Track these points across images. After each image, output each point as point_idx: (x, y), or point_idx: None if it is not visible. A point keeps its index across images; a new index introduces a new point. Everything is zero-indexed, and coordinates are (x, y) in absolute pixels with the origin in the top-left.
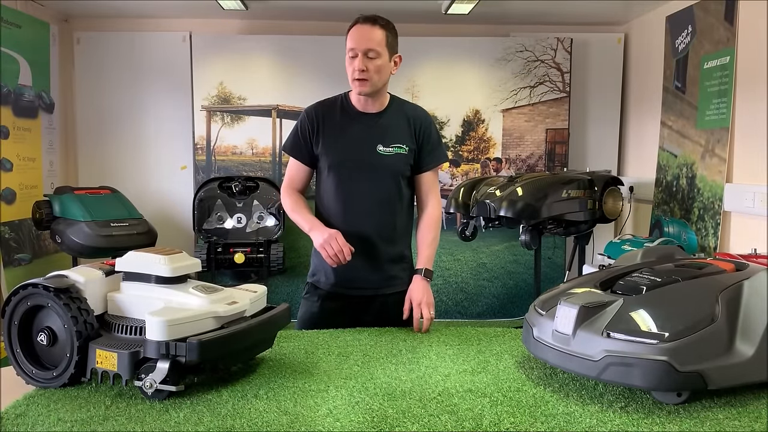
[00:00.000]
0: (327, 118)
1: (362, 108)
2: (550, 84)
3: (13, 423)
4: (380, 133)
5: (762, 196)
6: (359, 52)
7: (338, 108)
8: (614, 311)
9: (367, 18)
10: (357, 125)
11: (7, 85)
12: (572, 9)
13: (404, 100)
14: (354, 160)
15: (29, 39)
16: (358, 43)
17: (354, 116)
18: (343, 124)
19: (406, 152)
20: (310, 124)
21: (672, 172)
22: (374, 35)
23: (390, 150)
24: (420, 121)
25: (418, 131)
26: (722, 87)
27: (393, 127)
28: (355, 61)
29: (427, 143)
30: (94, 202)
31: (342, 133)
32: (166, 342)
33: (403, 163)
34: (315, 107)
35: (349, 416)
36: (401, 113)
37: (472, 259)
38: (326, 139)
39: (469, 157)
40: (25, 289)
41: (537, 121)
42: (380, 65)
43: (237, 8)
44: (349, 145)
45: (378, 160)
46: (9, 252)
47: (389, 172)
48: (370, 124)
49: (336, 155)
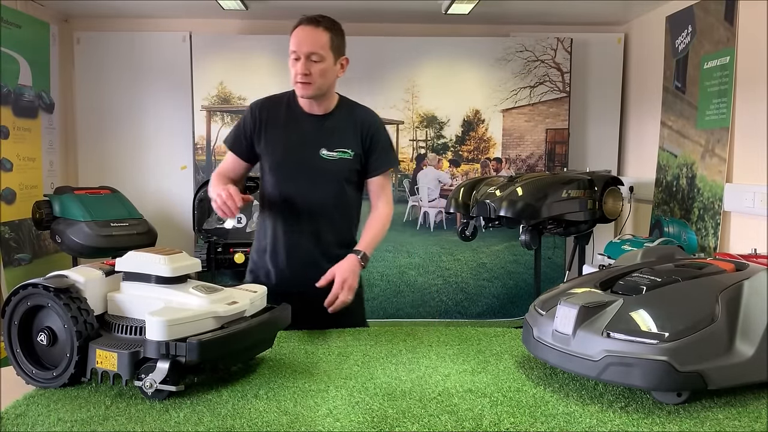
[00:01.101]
0: (271, 116)
1: (308, 109)
2: (550, 84)
3: (13, 423)
4: (325, 137)
5: (762, 196)
6: (301, 55)
7: (284, 106)
8: (614, 311)
9: (310, 19)
10: (301, 126)
11: (7, 85)
12: (572, 9)
13: (355, 102)
14: (295, 163)
15: (29, 39)
16: (300, 45)
17: (299, 117)
18: (288, 123)
19: (351, 157)
20: (254, 120)
21: (672, 172)
22: (318, 38)
23: (334, 154)
24: (368, 126)
25: (365, 136)
26: (722, 87)
27: (339, 131)
28: (298, 64)
29: (374, 149)
30: (94, 202)
31: (285, 133)
32: (166, 342)
33: (348, 168)
34: (261, 104)
35: (349, 416)
36: (349, 116)
37: (472, 259)
38: (268, 137)
39: (469, 157)
40: (25, 289)
41: (537, 121)
42: (324, 69)
43: (237, 8)
44: (292, 146)
45: (320, 164)
46: (9, 252)
47: (332, 176)
48: (316, 126)
49: (277, 156)
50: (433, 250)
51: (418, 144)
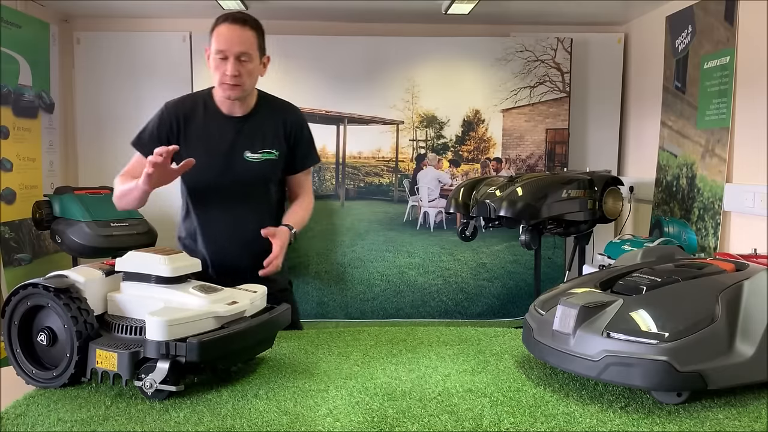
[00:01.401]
0: (190, 119)
1: (228, 111)
2: (550, 84)
3: (13, 423)
4: (248, 139)
5: (762, 196)
6: (231, 55)
7: (201, 108)
8: (614, 311)
9: (237, 18)
10: (222, 130)
11: (7, 85)
12: (572, 9)
13: (274, 97)
14: (219, 168)
15: (29, 39)
16: (229, 45)
17: (219, 119)
18: (208, 127)
19: (277, 157)
20: (169, 124)
21: (672, 172)
22: (247, 37)
23: (258, 156)
24: (293, 123)
25: (290, 134)
26: (722, 87)
27: (262, 131)
28: (226, 64)
29: (300, 146)
30: (94, 202)
31: (206, 137)
32: (166, 342)
33: (272, 170)
34: (177, 106)
35: (349, 416)
36: (272, 114)
37: (472, 259)
38: (189, 142)
39: (469, 157)
40: (25, 289)
41: (537, 121)
42: (252, 69)
43: (237, 8)
44: (214, 150)
45: (245, 167)
46: (9, 252)
47: (257, 179)
48: (237, 128)
49: (201, 160)
50: (433, 250)
51: (418, 144)
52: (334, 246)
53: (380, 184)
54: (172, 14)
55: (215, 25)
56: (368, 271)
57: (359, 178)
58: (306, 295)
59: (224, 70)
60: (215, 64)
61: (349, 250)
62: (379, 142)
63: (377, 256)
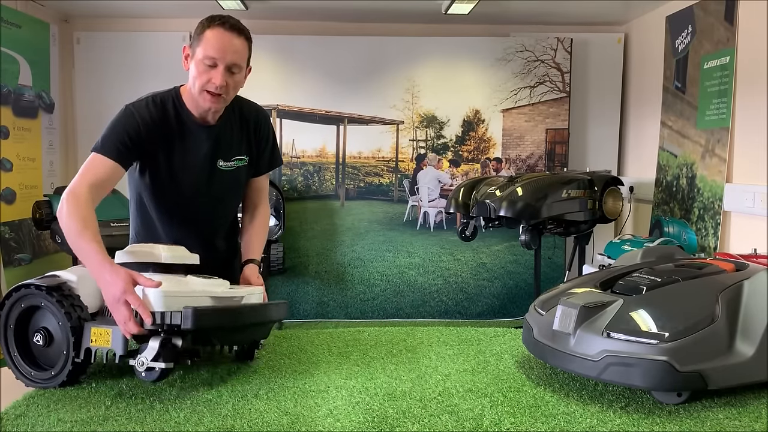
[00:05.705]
0: (162, 126)
1: (201, 118)
2: (550, 84)
3: (13, 423)
4: (220, 147)
5: (762, 196)
6: (222, 63)
7: (172, 114)
8: (614, 311)
9: (233, 25)
10: (196, 139)
11: (7, 85)
12: (572, 9)
13: (239, 98)
14: (193, 178)
15: (29, 39)
16: (222, 53)
17: (192, 128)
18: (181, 136)
19: (247, 162)
20: (138, 125)
21: (672, 172)
22: (241, 48)
23: (231, 164)
24: (260, 125)
25: (258, 138)
26: (722, 87)
27: (232, 137)
28: (215, 73)
29: (266, 148)
30: None
31: (180, 146)
32: (162, 312)
33: (245, 174)
34: (149, 111)
35: (349, 416)
36: (240, 119)
37: (472, 259)
38: (161, 151)
39: (469, 157)
40: (18, 291)
41: (537, 121)
42: (239, 81)
43: (237, 8)
44: (187, 160)
45: (219, 175)
46: (9, 252)
47: (230, 186)
48: (209, 136)
49: (172, 172)
50: (433, 250)
51: (418, 144)
52: (334, 246)
53: (380, 184)
54: (171, 14)
55: (206, 27)
56: (368, 271)
57: (359, 178)
58: (306, 295)
59: (210, 78)
60: (200, 69)
61: (349, 250)
62: (379, 142)
63: (377, 256)
